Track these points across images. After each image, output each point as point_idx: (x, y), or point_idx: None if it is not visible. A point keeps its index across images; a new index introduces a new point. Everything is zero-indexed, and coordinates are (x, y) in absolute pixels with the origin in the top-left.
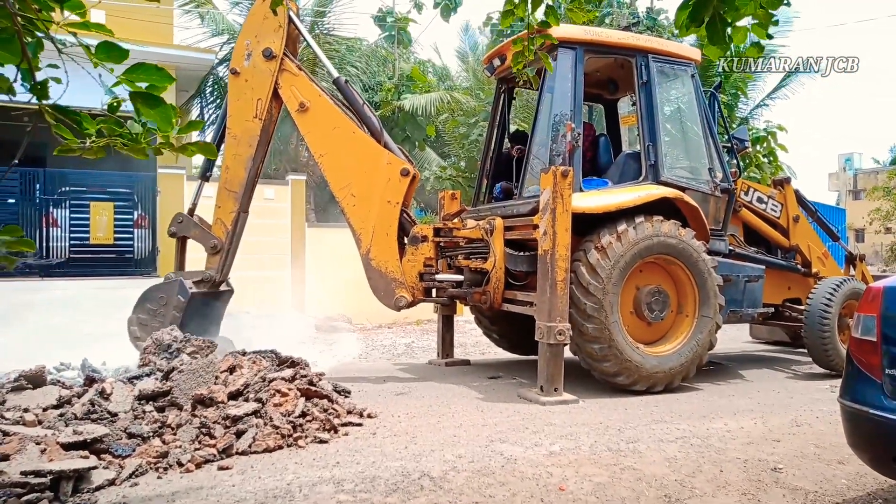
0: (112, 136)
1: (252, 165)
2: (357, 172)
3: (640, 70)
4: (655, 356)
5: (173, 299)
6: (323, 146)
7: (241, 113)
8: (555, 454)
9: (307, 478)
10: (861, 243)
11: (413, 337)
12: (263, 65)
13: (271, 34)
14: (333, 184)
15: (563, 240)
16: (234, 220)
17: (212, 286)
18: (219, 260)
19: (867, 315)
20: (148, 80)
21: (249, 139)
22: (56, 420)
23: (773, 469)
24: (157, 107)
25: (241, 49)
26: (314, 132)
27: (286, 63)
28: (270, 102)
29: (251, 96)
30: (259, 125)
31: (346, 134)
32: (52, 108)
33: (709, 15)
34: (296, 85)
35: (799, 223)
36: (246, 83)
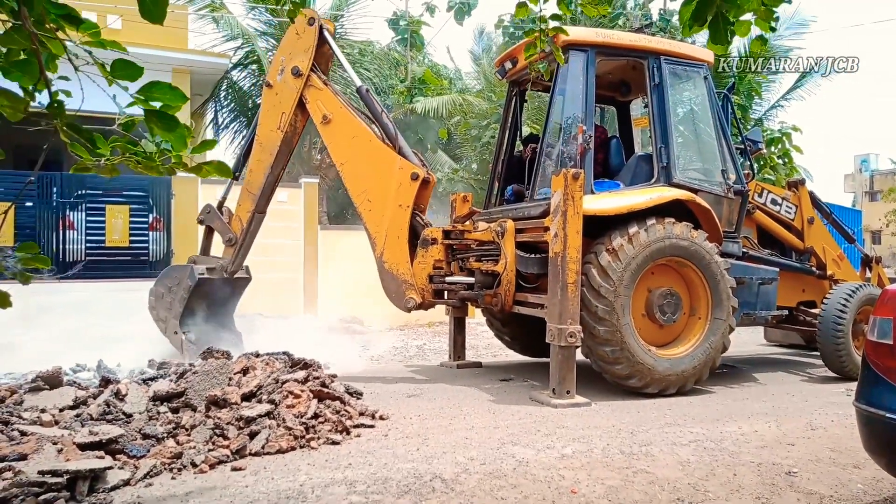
0: (126, 154)
1: (271, 172)
2: (372, 178)
3: (652, 72)
4: (668, 359)
5: (184, 281)
6: (343, 155)
7: (267, 123)
8: (567, 457)
9: (319, 479)
10: (878, 245)
11: (425, 339)
12: (291, 81)
13: (301, 53)
14: (352, 190)
15: (573, 242)
16: (250, 219)
17: (223, 274)
18: (232, 252)
19: (883, 318)
20: (162, 98)
21: (271, 148)
22: (72, 420)
23: (787, 473)
24: (171, 126)
25: (277, 64)
26: (335, 142)
27: (313, 79)
28: (294, 116)
29: (278, 109)
30: (280, 136)
31: (363, 142)
32: (68, 126)
33: (712, 14)
34: (321, 99)
35: (814, 225)
36: (276, 96)
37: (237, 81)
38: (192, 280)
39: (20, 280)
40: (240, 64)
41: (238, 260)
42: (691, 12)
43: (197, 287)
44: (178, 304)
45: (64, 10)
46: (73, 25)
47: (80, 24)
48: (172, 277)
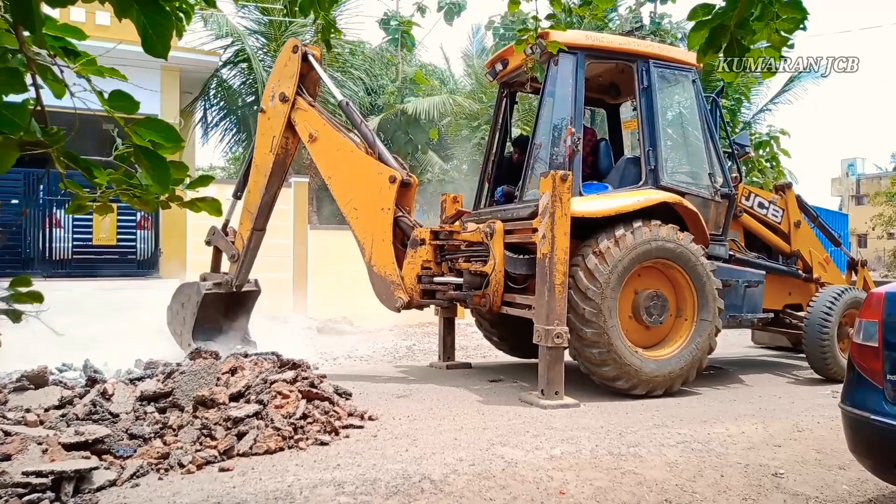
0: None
1: (266, 192)
2: (357, 187)
3: (640, 75)
4: (654, 360)
5: (192, 297)
6: (329, 169)
7: (262, 146)
8: (555, 458)
9: (308, 480)
10: (864, 248)
11: (414, 339)
12: (279, 107)
13: (287, 80)
14: (339, 200)
15: (561, 243)
16: (249, 237)
17: (229, 288)
18: (236, 267)
19: (869, 321)
20: (155, 136)
21: (265, 170)
22: (58, 420)
23: (774, 474)
24: (158, 167)
25: (269, 91)
26: (322, 157)
27: (299, 102)
28: (284, 139)
29: (270, 133)
30: (272, 158)
31: (346, 154)
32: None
33: (727, 41)
34: (307, 119)
35: (800, 228)
36: (268, 121)
37: (227, 80)
38: (199, 295)
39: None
40: (229, 62)
41: (241, 274)
42: (705, 38)
43: (207, 301)
44: (190, 319)
45: (63, 42)
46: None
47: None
48: (184, 294)
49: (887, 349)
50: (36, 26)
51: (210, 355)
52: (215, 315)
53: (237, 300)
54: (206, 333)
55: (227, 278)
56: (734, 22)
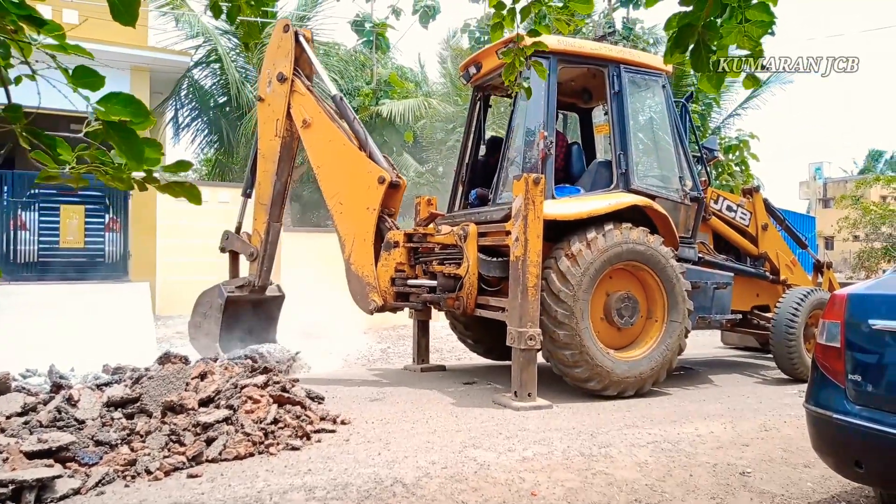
0: (94, 163)
1: (277, 180)
2: (345, 182)
3: (612, 80)
4: (626, 361)
5: (214, 301)
6: (319, 158)
7: (266, 134)
8: (528, 459)
9: (278, 485)
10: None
11: (388, 342)
12: (279, 88)
13: (283, 59)
14: (326, 192)
15: (534, 246)
16: (267, 230)
17: (252, 290)
18: (256, 266)
19: (832, 322)
20: (122, 113)
21: (272, 156)
22: (20, 428)
23: (741, 473)
24: (130, 142)
25: (265, 77)
26: (314, 146)
27: (296, 84)
28: (288, 121)
29: (272, 118)
30: (279, 142)
31: (337, 146)
32: (27, 131)
33: (693, 41)
34: (303, 104)
35: (767, 231)
36: (268, 107)
37: (198, 80)
38: (222, 298)
39: None
40: (201, 62)
41: (264, 273)
42: (672, 40)
43: (230, 307)
44: (215, 326)
45: (25, 10)
46: (34, 27)
47: (43, 25)
48: (204, 303)
49: (849, 349)
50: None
51: (179, 360)
52: (241, 321)
53: (261, 308)
54: (235, 340)
55: (249, 279)
56: (701, 23)
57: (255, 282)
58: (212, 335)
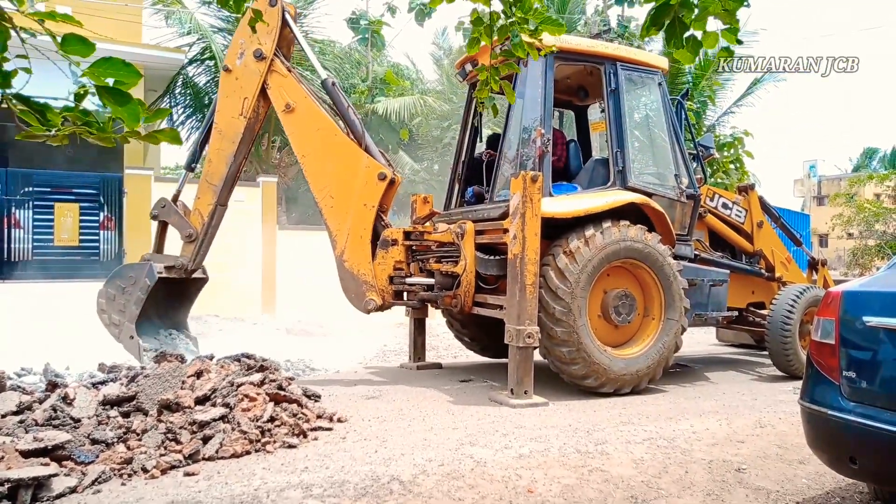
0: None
1: (233, 161)
2: (336, 175)
3: (608, 77)
4: (623, 359)
5: (141, 281)
6: (305, 147)
7: (228, 109)
8: (524, 456)
9: (275, 483)
10: (825, 248)
11: (385, 340)
12: (253, 65)
13: (264, 35)
14: (313, 184)
15: (532, 244)
16: (211, 213)
17: (182, 273)
18: (192, 249)
19: (826, 319)
20: (115, 75)
21: (233, 136)
22: (15, 427)
23: (737, 469)
24: (124, 103)
25: (236, 47)
26: (298, 133)
27: (276, 64)
28: (257, 102)
29: (239, 94)
30: (244, 123)
31: (327, 136)
32: (16, 97)
33: (669, 18)
34: (283, 86)
35: (763, 229)
36: (236, 81)
37: (193, 77)
38: (151, 279)
39: None
40: (196, 59)
41: (199, 257)
42: (650, 17)
43: (154, 287)
44: (134, 306)
45: None
46: None
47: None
48: (126, 277)
49: (843, 346)
50: None
51: (175, 358)
52: (156, 304)
53: (182, 287)
54: (150, 326)
55: (181, 261)
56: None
57: (188, 265)
58: (128, 314)
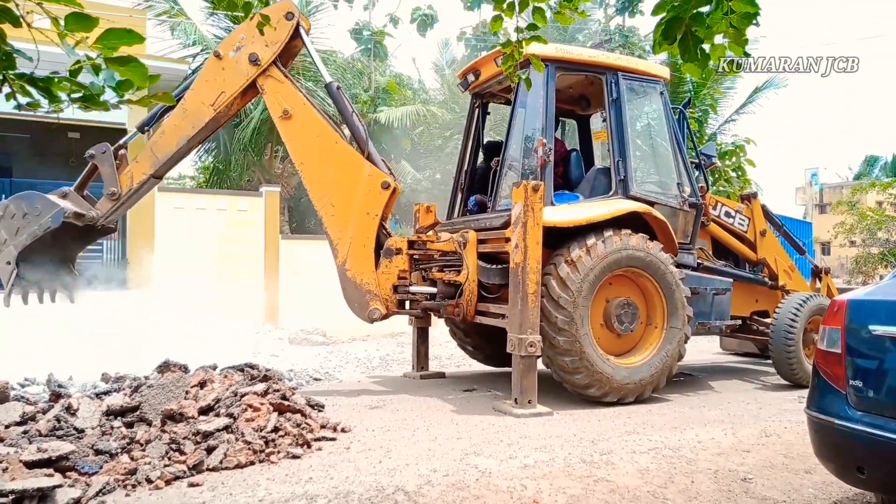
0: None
1: (185, 144)
2: (337, 182)
3: (610, 87)
4: (626, 367)
5: (44, 218)
6: (304, 154)
7: (201, 93)
8: (529, 467)
9: (279, 493)
10: (828, 256)
11: (387, 349)
12: (245, 65)
13: (270, 45)
14: (313, 192)
15: (534, 253)
16: (142, 182)
17: (86, 223)
18: (110, 207)
19: (832, 327)
20: (120, 43)
21: (195, 120)
22: (19, 437)
23: (742, 479)
24: (131, 65)
25: (235, 39)
26: (296, 139)
27: (272, 71)
28: (233, 99)
29: (219, 85)
30: (211, 114)
31: (328, 143)
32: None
33: (681, 32)
34: (280, 91)
35: (766, 237)
36: (221, 71)
37: None
38: (55, 222)
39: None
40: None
41: (113, 217)
42: (661, 31)
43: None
44: (26, 237)
45: None
46: None
47: None
48: (34, 206)
49: (850, 355)
50: None
51: (178, 368)
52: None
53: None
54: (34, 256)
55: (92, 214)
56: (689, 14)
57: (98, 220)
58: (17, 241)
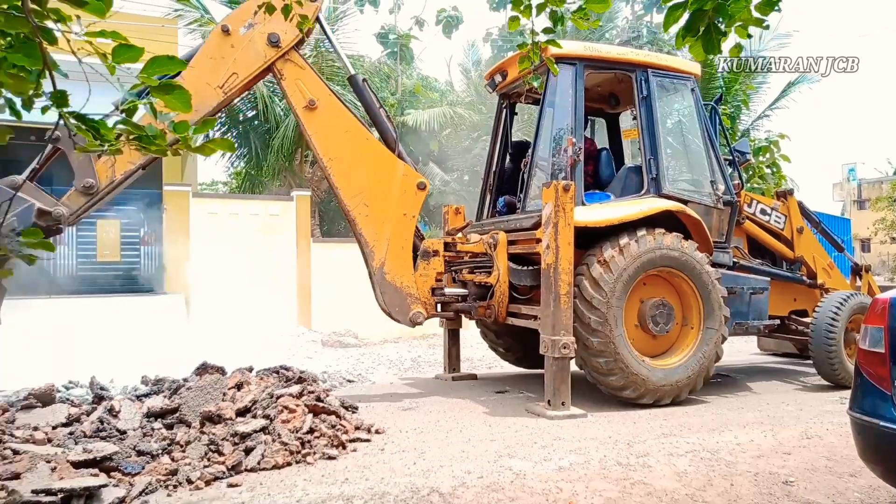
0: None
1: None
2: (370, 182)
3: (639, 84)
4: (662, 369)
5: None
6: (332, 150)
7: (205, 72)
8: (564, 469)
9: (316, 494)
10: (867, 253)
11: (419, 351)
12: (262, 47)
13: (290, 23)
14: (344, 191)
15: (565, 253)
16: (128, 173)
17: (51, 225)
18: (82, 203)
19: (875, 327)
20: (164, 70)
21: (200, 104)
22: (65, 438)
23: (784, 482)
24: (174, 92)
25: (247, 13)
26: (322, 133)
27: (294, 55)
28: (245, 84)
29: (229, 66)
30: (219, 97)
31: (358, 139)
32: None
33: (704, 25)
34: (301, 79)
35: (803, 234)
36: (230, 49)
37: None
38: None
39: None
40: None
41: (83, 215)
42: (685, 25)
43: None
44: None
45: None
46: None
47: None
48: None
49: (894, 355)
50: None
51: (216, 371)
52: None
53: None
54: None
55: (59, 211)
56: (712, 6)
57: (65, 218)
58: None
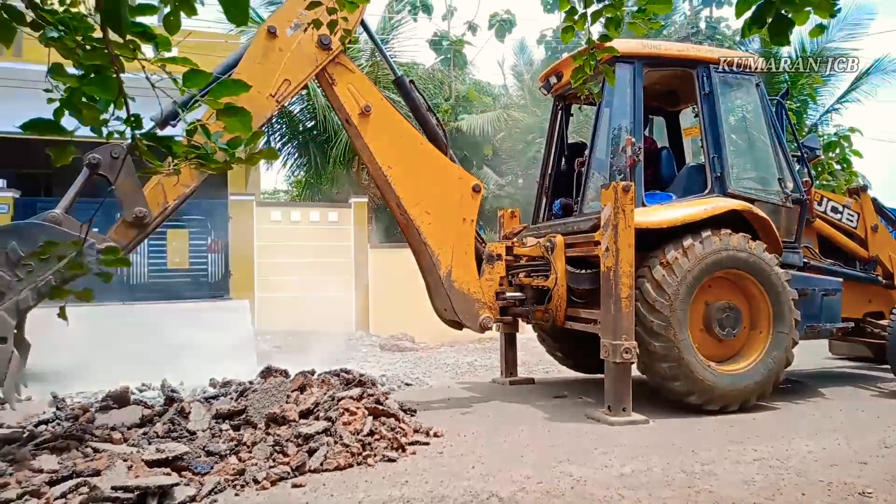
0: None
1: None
2: (430, 188)
3: (701, 81)
4: (729, 374)
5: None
6: (391, 157)
7: (256, 82)
8: (626, 476)
9: (378, 496)
10: None
11: (475, 355)
12: (310, 48)
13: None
14: (406, 199)
15: (626, 256)
16: (183, 197)
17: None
18: (132, 236)
19: None
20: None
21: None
22: (140, 438)
23: (860, 493)
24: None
25: (292, 13)
26: (379, 140)
27: (344, 59)
28: (296, 91)
29: (278, 72)
30: (272, 107)
31: (413, 144)
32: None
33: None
34: (354, 83)
35: (878, 233)
36: (278, 53)
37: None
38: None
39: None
40: None
41: (132, 249)
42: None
43: None
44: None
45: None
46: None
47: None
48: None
49: None
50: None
51: (280, 374)
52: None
53: None
54: None
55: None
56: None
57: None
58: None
